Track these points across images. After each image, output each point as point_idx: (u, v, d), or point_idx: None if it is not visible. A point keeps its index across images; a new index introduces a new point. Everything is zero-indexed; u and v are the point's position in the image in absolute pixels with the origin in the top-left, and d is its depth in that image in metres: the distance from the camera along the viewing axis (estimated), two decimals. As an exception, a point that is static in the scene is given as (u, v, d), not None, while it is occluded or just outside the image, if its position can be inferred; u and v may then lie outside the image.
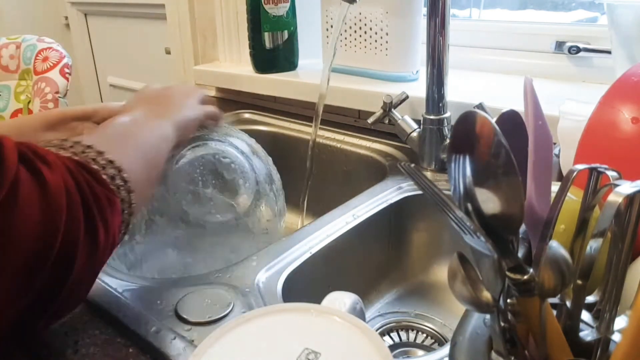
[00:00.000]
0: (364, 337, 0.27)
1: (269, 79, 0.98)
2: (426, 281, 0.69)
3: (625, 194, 0.24)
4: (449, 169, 0.26)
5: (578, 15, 0.91)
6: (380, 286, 0.68)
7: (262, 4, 0.93)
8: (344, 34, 0.91)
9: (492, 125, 0.24)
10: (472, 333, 0.29)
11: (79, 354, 0.40)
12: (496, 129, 0.24)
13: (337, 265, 0.59)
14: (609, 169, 0.27)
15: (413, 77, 0.88)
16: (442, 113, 0.68)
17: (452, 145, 0.26)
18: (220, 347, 0.27)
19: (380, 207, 0.63)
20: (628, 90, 0.42)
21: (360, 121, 0.89)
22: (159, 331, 0.42)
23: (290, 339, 0.27)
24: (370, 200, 0.64)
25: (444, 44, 0.64)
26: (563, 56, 0.86)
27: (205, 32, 1.17)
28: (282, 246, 0.54)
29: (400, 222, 0.67)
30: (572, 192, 0.33)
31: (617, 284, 0.26)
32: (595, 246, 0.26)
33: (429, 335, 0.62)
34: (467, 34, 0.96)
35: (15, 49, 1.44)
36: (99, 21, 1.74)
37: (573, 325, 0.28)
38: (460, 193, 0.26)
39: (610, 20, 0.65)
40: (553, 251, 0.23)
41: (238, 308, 0.45)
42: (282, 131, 0.94)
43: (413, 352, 0.60)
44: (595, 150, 0.42)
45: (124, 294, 0.46)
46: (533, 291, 0.25)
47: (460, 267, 0.24)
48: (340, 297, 0.34)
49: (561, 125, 0.52)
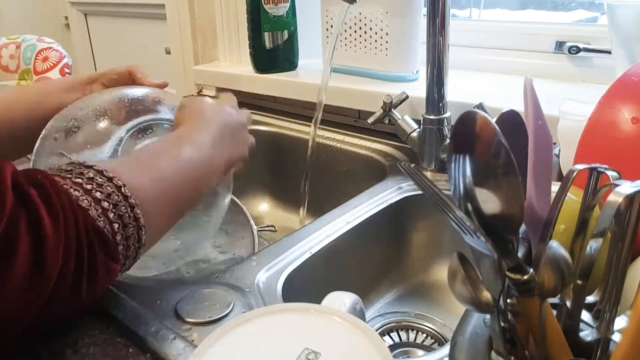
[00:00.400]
0: (364, 337, 0.27)
1: (269, 79, 0.98)
2: (426, 281, 0.69)
3: (626, 194, 0.24)
4: (449, 169, 0.26)
5: (578, 15, 0.91)
6: (380, 286, 0.68)
7: (262, 4, 0.93)
8: (344, 34, 0.91)
9: (492, 125, 0.24)
10: (472, 333, 0.29)
11: (79, 354, 0.40)
12: (496, 129, 0.24)
13: (337, 265, 0.59)
14: (609, 169, 0.27)
15: (413, 77, 0.88)
16: (442, 113, 0.68)
17: (452, 145, 0.26)
18: (220, 347, 0.27)
19: (380, 207, 0.63)
20: (628, 90, 0.42)
21: (360, 121, 0.89)
22: (159, 331, 0.42)
23: (290, 339, 0.27)
24: (370, 200, 0.64)
25: (444, 44, 0.64)
26: (563, 56, 0.86)
27: (205, 32, 1.17)
28: (282, 246, 0.54)
29: (400, 222, 0.67)
30: (572, 192, 0.33)
31: (617, 284, 0.26)
32: (595, 246, 0.26)
33: (429, 335, 0.62)
34: (467, 34, 0.96)
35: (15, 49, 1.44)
36: (99, 21, 1.74)
37: (573, 325, 0.28)
38: (460, 193, 0.26)
39: (610, 20, 0.65)
40: (553, 251, 0.23)
41: (238, 308, 0.45)
42: (282, 131, 0.94)
43: (413, 352, 0.60)
44: (595, 150, 0.42)
45: (124, 294, 0.46)
46: (533, 291, 0.25)
47: (461, 267, 0.24)
48: (340, 297, 0.34)
49: (561, 125, 0.52)
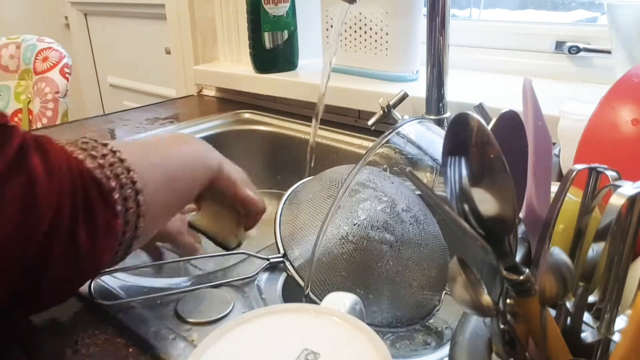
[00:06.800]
0: (363, 337, 0.27)
1: (269, 79, 0.98)
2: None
3: (628, 195, 0.24)
4: (444, 172, 0.26)
5: (578, 15, 0.91)
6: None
7: (262, 4, 0.93)
8: (344, 34, 0.91)
9: (482, 125, 0.24)
10: (472, 333, 0.29)
11: (79, 354, 0.40)
12: (485, 129, 0.24)
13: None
14: (609, 169, 0.27)
15: (413, 77, 0.88)
16: (442, 113, 0.68)
17: (445, 147, 0.26)
18: (220, 347, 0.27)
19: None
20: (628, 91, 0.42)
21: (360, 121, 0.89)
22: (159, 331, 0.42)
23: (289, 340, 0.27)
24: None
25: (444, 44, 0.64)
26: (563, 56, 0.85)
27: (205, 32, 1.17)
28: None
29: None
30: (572, 192, 0.33)
31: (618, 285, 0.26)
32: (597, 248, 0.26)
33: (429, 335, 0.62)
34: (467, 34, 0.96)
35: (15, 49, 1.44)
36: (99, 21, 1.74)
37: (574, 326, 0.28)
38: (456, 195, 0.26)
39: (610, 20, 0.65)
40: (555, 257, 0.23)
41: (238, 308, 0.45)
42: (282, 131, 0.94)
43: (413, 352, 0.60)
44: (595, 151, 0.42)
45: (124, 294, 0.46)
46: (530, 292, 0.25)
47: (461, 270, 0.24)
48: (339, 297, 0.34)
49: (561, 125, 0.51)
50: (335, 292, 0.35)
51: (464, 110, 0.25)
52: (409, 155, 0.51)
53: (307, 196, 0.55)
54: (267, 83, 0.98)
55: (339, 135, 0.86)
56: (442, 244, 0.53)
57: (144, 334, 0.41)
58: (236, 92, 1.09)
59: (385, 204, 0.51)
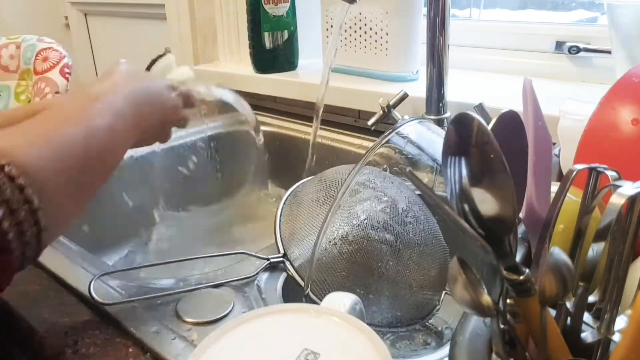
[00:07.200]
0: (363, 337, 0.27)
1: (269, 79, 0.98)
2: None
3: (628, 195, 0.24)
4: (444, 172, 0.26)
5: (578, 15, 0.91)
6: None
7: (262, 4, 0.93)
8: (344, 34, 0.91)
9: (482, 125, 0.24)
10: (472, 333, 0.29)
11: (79, 354, 0.40)
12: (485, 129, 0.24)
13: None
14: (609, 169, 0.27)
15: (413, 77, 0.88)
16: (442, 113, 0.68)
17: (445, 148, 0.26)
18: (220, 347, 0.27)
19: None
20: (628, 91, 0.42)
21: (360, 121, 0.89)
22: (159, 331, 0.42)
23: (289, 340, 0.27)
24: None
25: (444, 44, 0.64)
26: (563, 56, 0.85)
27: (205, 32, 1.17)
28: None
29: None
30: (572, 192, 0.33)
31: (618, 285, 0.26)
32: (598, 249, 0.26)
33: (429, 335, 0.62)
34: (467, 34, 0.96)
35: (15, 49, 1.44)
36: (99, 21, 1.74)
37: (574, 326, 0.28)
38: (456, 195, 0.26)
39: (610, 20, 0.65)
40: (555, 257, 0.23)
41: (238, 308, 0.45)
42: (282, 131, 0.94)
43: (413, 352, 0.60)
44: (595, 151, 0.42)
45: (124, 294, 0.46)
46: (530, 291, 0.25)
47: (461, 271, 0.24)
48: (339, 297, 0.34)
49: (562, 125, 0.51)
50: (335, 292, 0.35)
51: (464, 110, 0.25)
52: (409, 155, 0.51)
53: (307, 196, 0.55)
54: (267, 83, 0.98)
55: (339, 135, 0.86)
56: (442, 244, 0.53)
57: (144, 334, 0.41)
58: (236, 92, 1.09)
59: (385, 204, 0.51)
